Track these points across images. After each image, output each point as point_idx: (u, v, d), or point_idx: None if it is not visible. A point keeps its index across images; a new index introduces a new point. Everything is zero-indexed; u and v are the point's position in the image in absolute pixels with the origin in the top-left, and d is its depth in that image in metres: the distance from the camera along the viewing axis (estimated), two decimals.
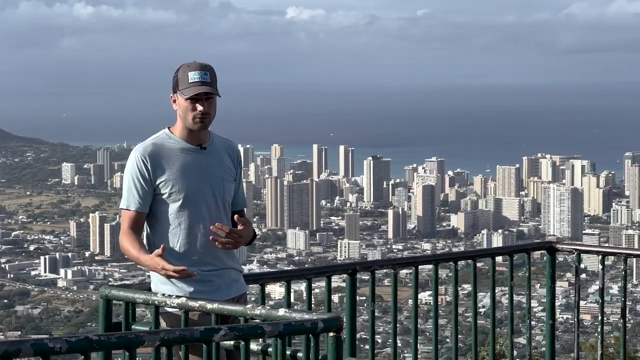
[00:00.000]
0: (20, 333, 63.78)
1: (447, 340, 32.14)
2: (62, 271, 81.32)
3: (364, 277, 7.74)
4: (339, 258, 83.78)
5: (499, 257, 8.46)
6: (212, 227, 5.94)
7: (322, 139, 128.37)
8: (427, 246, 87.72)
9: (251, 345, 5.42)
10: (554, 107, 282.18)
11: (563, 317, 56.80)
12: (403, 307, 49.36)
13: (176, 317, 5.91)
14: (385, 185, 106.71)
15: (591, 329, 52.01)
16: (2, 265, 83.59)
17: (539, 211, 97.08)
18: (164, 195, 6.03)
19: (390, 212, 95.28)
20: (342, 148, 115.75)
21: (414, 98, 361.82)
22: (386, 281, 49.43)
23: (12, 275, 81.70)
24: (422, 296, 47.98)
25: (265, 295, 6.91)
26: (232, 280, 6.16)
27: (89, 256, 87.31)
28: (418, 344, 7.89)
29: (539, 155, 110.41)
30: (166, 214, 6.04)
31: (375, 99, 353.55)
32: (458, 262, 8.06)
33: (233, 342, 5.50)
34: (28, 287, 78.76)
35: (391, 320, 7.71)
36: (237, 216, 6.08)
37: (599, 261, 8.55)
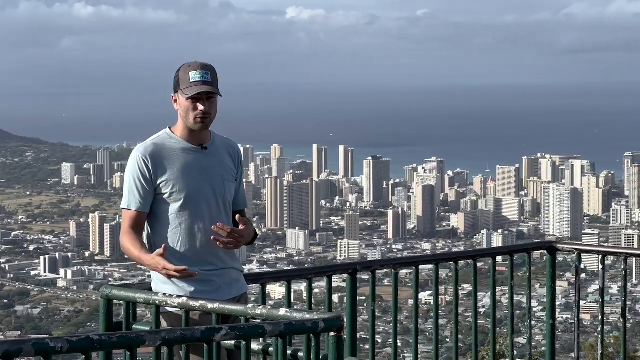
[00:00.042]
0: (20, 333, 63.71)
1: (447, 340, 32.13)
2: (62, 271, 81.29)
3: (363, 277, 7.74)
4: (338, 258, 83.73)
5: (498, 257, 8.45)
6: (213, 227, 5.94)
7: (322, 139, 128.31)
8: (427, 246, 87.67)
9: (252, 345, 5.41)
10: (553, 107, 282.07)
11: (563, 317, 56.79)
12: (403, 307, 49.29)
13: (177, 317, 5.91)
14: (385, 185, 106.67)
15: (591, 329, 51.97)
16: (2, 265, 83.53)
17: (539, 211, 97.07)
18: (165, 195, 6.04)
19: (390, 212, 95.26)
20: (342, 148, 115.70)
21: (413, 98, 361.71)
22: (386, 281, 49.40)
23: (12, 275, 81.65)
24: (422, 296, 47.91)
25: (265, 295, 6.92)
26: (233, 280, 6.16)
27: (88, 256, 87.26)
28: (419, 345, 7.88)
29: (539, 155, 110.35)
30: (167, 214, 6.04)
31: (375, 99, 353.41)
32: (458, 262, 8.06)
33: (234, 342, 5.50)
34: (28, 287, 78.71)
35: (391, 320, 7.70)
36: (238, 216, 6.08)
37: (599, 261, 8.55)
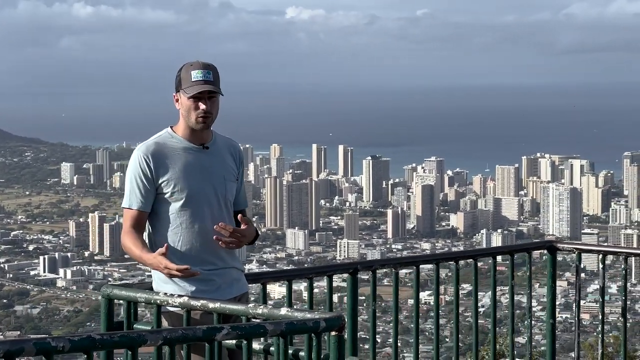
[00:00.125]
0: (19, 333, 63.71)
1: (447, 339, 32.15)
2: (61, 271, 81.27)
3: (362, 277, 7.73)
4: (338, 258, 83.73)
5: (498, 257, 8.44)
6: (215, 226, 5.95)
7: (321, 138, 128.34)
8: (426, 246, 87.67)
9: (253, 345, 5.41)
10: (553, 107, 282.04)
11: (562, 317, 56.80)
12: (402, 306, 49.30)
13: (178, 317, 5.91)
14: (384, 185, 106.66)
15: (590, 328, 52.00)
16: (2, 265, 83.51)
17: (538, 211, 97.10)
18: (166, 195, 6.04)
19: (390, 212, 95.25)
20: (341, 148, 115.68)
21: (413, 98, 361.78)
22: (385, 281, 49.42)
23: (11, 275, 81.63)
24: (421, 296, 47.86)
25: (266, 295, 6.92)
26: (234, 280, 6.16)
27: (88, 256, 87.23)
28: (419, 344, 7.88)
29: (538, 155, 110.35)
30: (168, 213, 6.04)
31: (375, 98, 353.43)
32: (459, 261, 8.05)
33: (235, 341, 5.50)
34: (27, 287, 78.69)
35: (390, 319, 7.72)
36: (240, 216, 6.08)
37: (599, 260, 8.55)
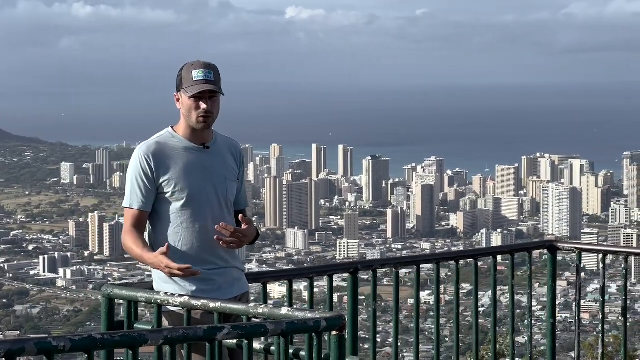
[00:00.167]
0: (19, 332, 63.74)
1: (446, 339, 32.15)
2: (61, 271, 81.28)
3: (362, 277, 7.73)
4: (338, 257, 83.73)
5: (497, 257, 8.43)
6: (216, 226, 5.95)
7: (321, 138, 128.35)
8: (426, 246, 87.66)
9: (254, 344, 5.41)
10: (552, 106, 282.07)
11: (561, 317, 56.82)
12: (402, 306, 49.26)
13: (178, 316, 5.91)
14: (384, 185, 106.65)
15: (589, 328, 52.03)
16: (1, 265, 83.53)
17: (538, 210, 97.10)
18: (167, 194, 6.04)
19: (389, 212, 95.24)
20: (341, 147, 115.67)
21: (413, 97, 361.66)
22: (385, 281, 49.41)
23: (11, 275, 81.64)
24: (421, 295, 47.85)
25: (267, 294, 6.91)
26: (234, 279, 6.16)
27: (88, 256, 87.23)
28: (419, 344, 7.87)
29: (538, 154, 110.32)
30: (169, 213, 6.04)
31: (375, 98, 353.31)
32: (459, 261, 8.05)
33: (236, 341, 5.50)
34: (27, 287, 78.70)
35: (389, 319, 7.72)
36: (241, 216, 6.08)
37: (599, 260, 8.55)
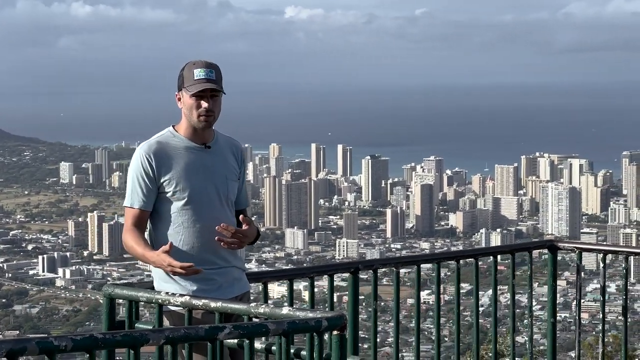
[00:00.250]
0: (18, 332, 63.74)
1: (446, 339, 32.14)
2: (60, 270, 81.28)
3: (362, 276, 7.73)
4: (337, 257, 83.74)
5: (497, 256, 8.42)
6: (217, 227, 5.95)
7: (320, 138, 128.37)
8: (425, 245, 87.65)
9: (255, 344, 5.40)
10: (552, 106, 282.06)
11: (561, 316, 56.84)
12: (401, 306, 49.27)
13: (179, 316, 5.90)
14: (383, 185, 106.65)
15: (589, 327, 52.04)
16: (1, 265, 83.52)
17: (537, 210, 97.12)
18: (168, 194, 6.04)
19: (389, 211, 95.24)
20: (340, 147, 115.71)
21: (412, 97, 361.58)
22: (385, 280, 49.41)
23: (10, 275, 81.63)
24: (421, 295, 47.84)
25: (267, 294, 6.91)
26: (235, 279, 6.15)
27: (87, 255, 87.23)
28: (420, 344, 7.86)
29: (537, 154, 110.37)
30: (169, 213, 6.04)
31: (374, 98, 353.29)
32: (459, 261, 8.04)
33: (237, 341, 5.50)
34: (26, 287, 78.70)
35: (389, 319, 7.72)
36: (242, 216, 6.08)
37: (600, 260, 8.54)
